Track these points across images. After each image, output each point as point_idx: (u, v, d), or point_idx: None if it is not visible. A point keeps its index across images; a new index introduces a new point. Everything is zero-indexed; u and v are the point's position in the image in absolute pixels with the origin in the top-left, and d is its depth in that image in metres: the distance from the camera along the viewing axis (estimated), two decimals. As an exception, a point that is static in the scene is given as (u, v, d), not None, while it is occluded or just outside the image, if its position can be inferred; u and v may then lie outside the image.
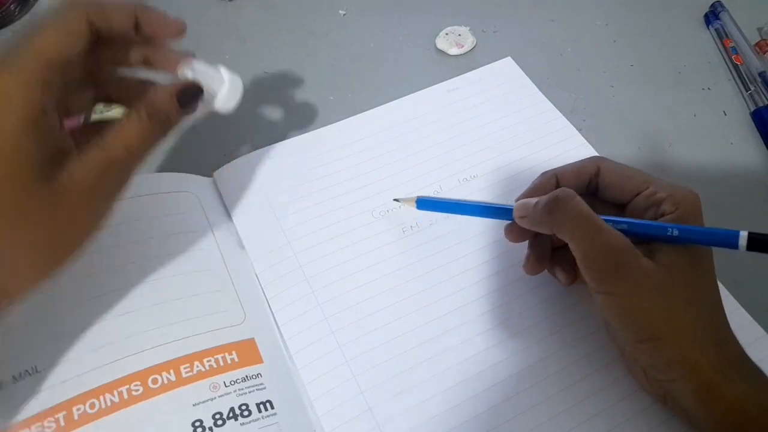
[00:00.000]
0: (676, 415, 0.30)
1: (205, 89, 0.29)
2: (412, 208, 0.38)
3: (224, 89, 0.30)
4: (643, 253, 0.28)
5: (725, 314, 0.28)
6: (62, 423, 0.28)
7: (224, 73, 0.30)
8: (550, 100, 0.45)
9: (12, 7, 0.51)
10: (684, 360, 0.27)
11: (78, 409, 0.29)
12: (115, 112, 0.35)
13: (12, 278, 0.24)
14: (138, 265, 0.34)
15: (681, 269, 0.28)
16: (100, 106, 0.45)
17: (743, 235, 0.27)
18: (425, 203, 0.37)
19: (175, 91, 0.27)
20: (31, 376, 0.29)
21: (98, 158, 0.25)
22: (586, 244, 0.28)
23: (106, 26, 0.26)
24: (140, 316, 0.32)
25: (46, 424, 0.28)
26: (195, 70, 0.29)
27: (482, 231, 0.37)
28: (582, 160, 0.33)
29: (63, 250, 0.25)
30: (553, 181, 0.32)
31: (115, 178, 0.26)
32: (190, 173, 0.39)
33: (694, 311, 0.27)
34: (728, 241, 0.28)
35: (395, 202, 0.39)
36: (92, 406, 0.29)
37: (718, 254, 0.36)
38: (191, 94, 0.28)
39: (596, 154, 0.41)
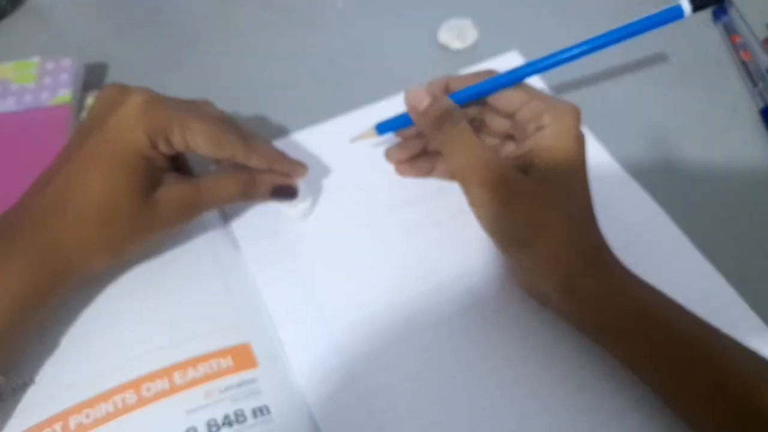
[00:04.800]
0: (554, 314, 0.32)
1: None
2: (373, 138, 0.37)
3: (304, 205, 0.36)
4: (520, 168, 0.30)
5: (594, 216, 0.30)
6: (59, 433, 0.29)
7: (309, 192, 0.36)
8: (556, 96, 0.44)
9: (3, 2, 0.51)
10: (547, 262, 0.29)
11: (74, 419, 0.29)
12: None
13: (94, 258, 0.30)
14: (129, 270, 0.34)
15: (552, 181, 0.30)
16: (92, 101, 0.44)
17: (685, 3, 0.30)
18: (385, 126, 0.36)
19: (275, 186, 0.34)
20: (29, 387, 0.30)
21: (189, 194, 0.31)
22: (464, 161, 0.30)
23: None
24: (133, 324, 0.32)
25: (43, 434, 0.28)
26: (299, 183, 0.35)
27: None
28: (478, 72, 0.33)
29: (131, 243, 0.31)
30: (443, 82, 0.34)
31: (192, 212, 0.32)
32: (185, 171, 0.39)
33: (561, 217, 0.29)
34: (673, 15, 0.31)
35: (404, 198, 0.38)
36: (87, 416, 0.29)
37: (730, 254, 0.36)
38: (285, 193, 0.34)
39: (604, 151, 0.41)
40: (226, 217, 0.38)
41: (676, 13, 0.31)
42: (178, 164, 0.34)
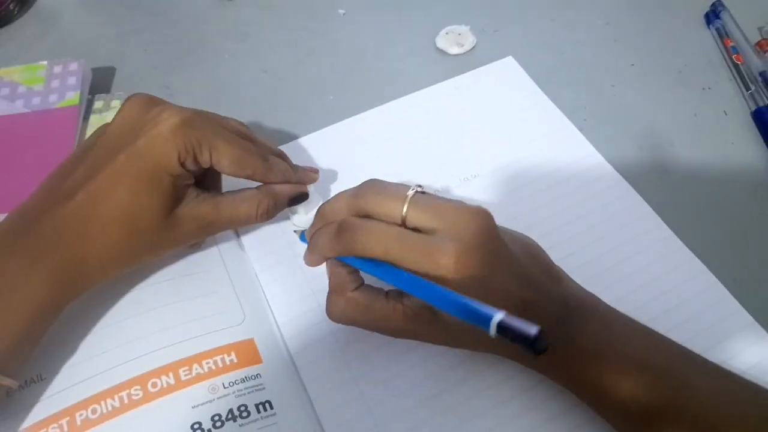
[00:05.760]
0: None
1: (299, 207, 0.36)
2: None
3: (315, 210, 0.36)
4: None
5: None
6: (66, 429, 0.29)
7: (320, 197, 0.36)
8: (551, 100, 0.44)
9: (11, 6, 0.51)
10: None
11: (80, 415, 0.29)
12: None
13: (110, 269, 0.30)
14: (136, 269, 0.34)
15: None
16: (99, 104, 0.45)
17: (495, 320, 0.23)
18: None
19: (292, 195, 0.34)
20: (36, 384, 0.30)
21: (208, 214, 0.32)
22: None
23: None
24: (140, 321, 0.32)
25: (50, 430, 0.29)
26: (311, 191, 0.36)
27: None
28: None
29: (148, 257, 0.32)
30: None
31: (209, 231, 0.34)
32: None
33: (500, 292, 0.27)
34: (482, 319, 0.23)
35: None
36: (94, 411, 0.29)
37: (721, 254, 0.36)
38: (299, 198, 0.35)
39: (597, 153, 0.41)
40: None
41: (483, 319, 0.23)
42: (206, 177, 0.34)
